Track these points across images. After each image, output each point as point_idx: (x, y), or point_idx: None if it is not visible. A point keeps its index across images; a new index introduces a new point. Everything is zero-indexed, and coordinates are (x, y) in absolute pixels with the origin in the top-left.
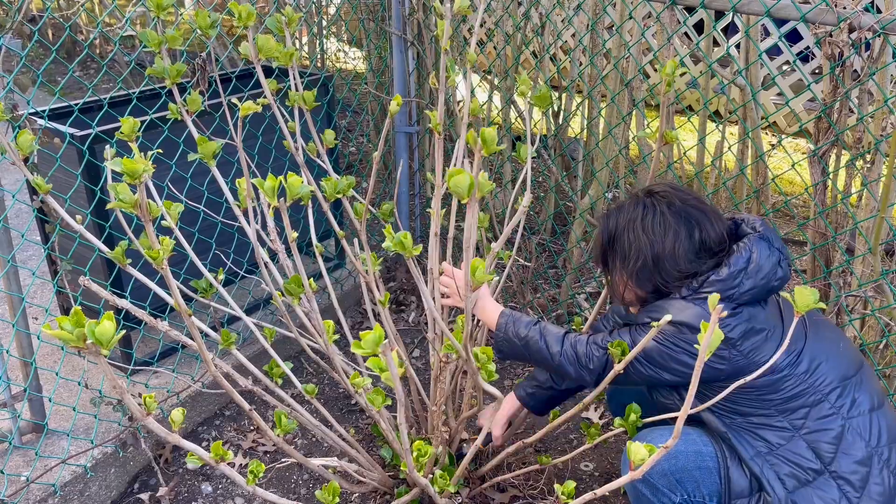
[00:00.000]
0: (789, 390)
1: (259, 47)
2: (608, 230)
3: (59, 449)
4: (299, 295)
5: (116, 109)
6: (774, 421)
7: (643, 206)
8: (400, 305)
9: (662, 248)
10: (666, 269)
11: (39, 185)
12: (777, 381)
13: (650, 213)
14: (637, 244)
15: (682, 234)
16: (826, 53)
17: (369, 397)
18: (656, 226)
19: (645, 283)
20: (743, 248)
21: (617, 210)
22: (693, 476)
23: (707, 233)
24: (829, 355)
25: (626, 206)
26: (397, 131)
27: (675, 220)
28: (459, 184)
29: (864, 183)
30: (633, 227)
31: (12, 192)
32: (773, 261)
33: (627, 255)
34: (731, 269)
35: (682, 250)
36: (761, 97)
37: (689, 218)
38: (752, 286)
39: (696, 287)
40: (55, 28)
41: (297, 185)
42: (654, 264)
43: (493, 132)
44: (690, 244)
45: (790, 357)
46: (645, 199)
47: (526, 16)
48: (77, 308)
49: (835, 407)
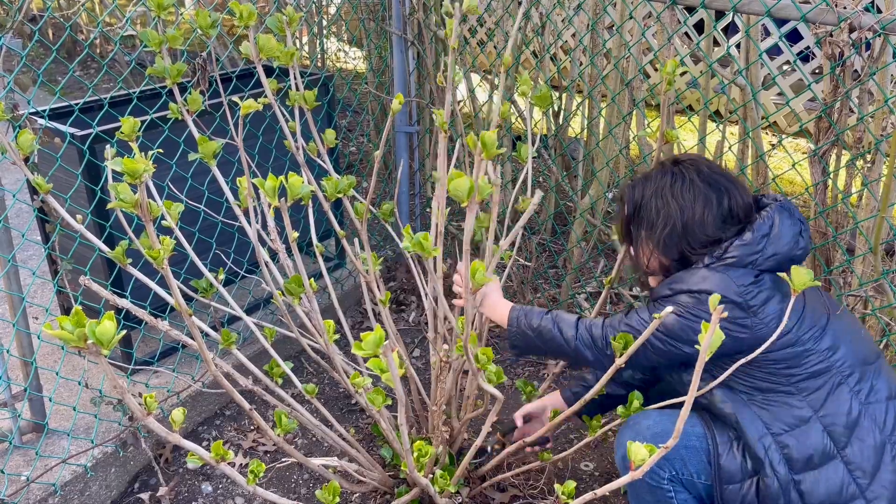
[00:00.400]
0: (811, 366)
1: (260, 47)
2: (634, 199)
3: (60, 448)
4: (300, 295)
5: (117, 109)
6: (794, 400)
7: (671, 174)
8: (400, 305)
9: (692, 214)
10: (694, 234)
11: (40, 185)
12: (800, 355)
13: (679, 181)
14: (666, 210)
15: (712, 201)
16: (826, 53)
17: (370, 397)
18: (685, 192)
19: (671, 249)
20: (765, 215)
21: (643, 179)
22: (680, 454)
23: (735, 200)
24: (851, 338)
25: (653, 175)
26: (397, 131)
27: (704, 187)
28: (459, 187)
29: (865, 182)
30: (662, 193)
31: (13, 191)
32: (795, 230)
33: (655, 223)
34: (755, 234)
35: (711, 217)
36: (762, 97)
37: (717, 185)
38: (774, 252)
39: (719, 254)
40: (56, 28)
41: (298, 185)
42: (682, 230)
43: (492, 135)
44: (719, 211)
45: (813, 331)
46: (672, 167)
47: (526, 15)
48: (77, 308)
49: (853, 391)
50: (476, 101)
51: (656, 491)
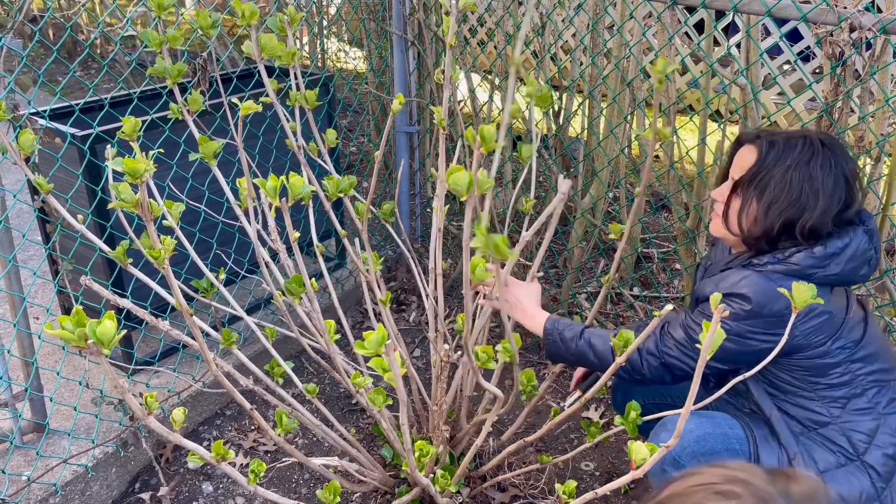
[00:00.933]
0: (835, 378)
1: (262, 46)
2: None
3: (60, 448)
4: (300, 294)
5: (117, 109)
6: (814, 405)
7: (820, 156)
8: (401, 305)
9: (821, 204)
10: (811, 224)
11: (41, 185)
12: (828, 366)
13: (827, 167)
14: (801, 191)
15: (842, 201)
16: (827, 53)
17: (371, 397)
18: (828, 182)
19: (779, 227)
20: (844, 233)
21: (785, 143)
22: (721, 458)
23: (852, 209)
24: (879, 351)
25: (797, 145)
26: (398, 131)
27: (844, 184)
28: (458, 181)
29: (867, 182)
30: (804, 172)
31: (14, 191)
32: (867, 257)
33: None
34: (826, 251)
35: (831, 213)
36: (763, 97)
37: (850, 184)
38: (836, 272)
39: (782, 258)
40: (56, 28)
41: (299, 186)
42: (803, 217)
43: (491, 129)
44: (842, 212)
45: (847, 346)
46: (821, 148)
47: None
48: (78, 308)
49: (872, 402)
50: (476, 101)
51: None
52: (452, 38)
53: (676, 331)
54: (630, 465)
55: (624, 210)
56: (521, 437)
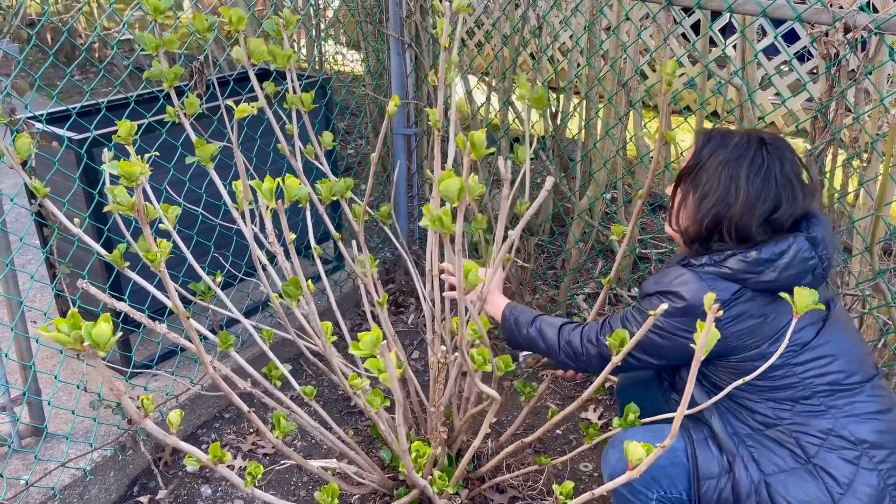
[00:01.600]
0: (778, 380)
1: (250, 51)
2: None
3: (59, 452)
4: (297, 297)
5: (114, 113)
6: (758, 406)
7: (752, 153)
8: (399, 307)
9: (750, 207)
10: (738, 224)
11: (38, 189)
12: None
13: (756, 165)
14: (727, 188)
15: (772, 202)
16: (822, 53)
17: (368, 399)
18: (756, 180)
19: (705, 223)
20: (783, 239)
21: (721, 140)
22: (667, 472)
23: (786, 212)
24: (836, 354)
25: (733, 142)
26: (395, 133)
27: (776, 185)
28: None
29: (861, 182)
30: (733, 169)
31: (10, 195)
32: (808, 266)
33: (709, 191)
34: (759, 256)
35: (761, 215)
36: (761, 97)
37: (787, 187)
38: (772, 279)
39: (717, 260)
40: (54, 32)
41: (295, 188)
42: (730, 217)
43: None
44: (771, 214)
45: (791, 349)
46: (757, 145)
47: (523, 17)
48: (74, 311)
49: (823, 405)
50: (473, 103)
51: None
52: (447, 41)
53: (616, 323)
54: (627, 466)
55: (621, 211)
56: (520, 437)
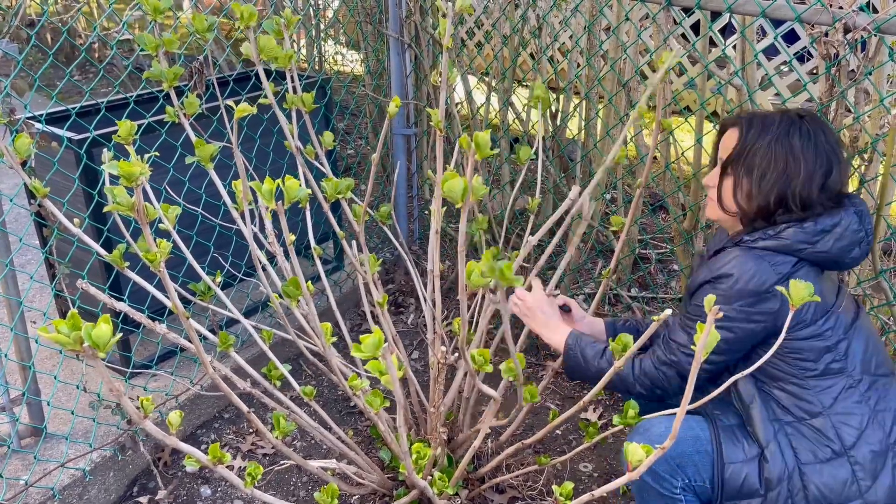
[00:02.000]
0: (826, 364)
1: (261, 48)
2: (749, 139)
3: (58, 452)
4: (297, 297)
5: (114, 113)
6: (806, 395)
7: (798, 127)
8: (399, 307)
9: (807, 172)
10: (801, 193)
11: (37, 189)
12: (820, 350)
13: (805, 136)
14: (786, 161)
15: (826, 167)
16: (822, 53)
17: (368, 399)
18: (809, 149)
19: (773, 200)
20: (835, 212)
21: (763, 120)
22: (693, 460)
23: (839, 176)
24: (869, 346)
25: (776, 120)
26: (395, 133)
27: (825, 150)
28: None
29: (862, 182)
30: (785, 143)
31: (10, 195)
32: (857, 238)
33: (766, 169)
34: (816, 226)
35: (821, 181)
36: (761, 97)
37: (834, 153)
38: (825, 250)
39: (772, 234)
40: (54, 32)
41: (294, 188)
42: (793, 186)
43: (486, 136)
44: (827, 179)
45: (838, 331)
46: (799, 120)
47: (523, 17)
48: (74, 311)
49: (864, 396)
50: (473, 103)
51: (669, 501)
52: (448, 41)
53: (679, 335)
54: (626, 467)
55: (621, 211)
56: (520, 438)
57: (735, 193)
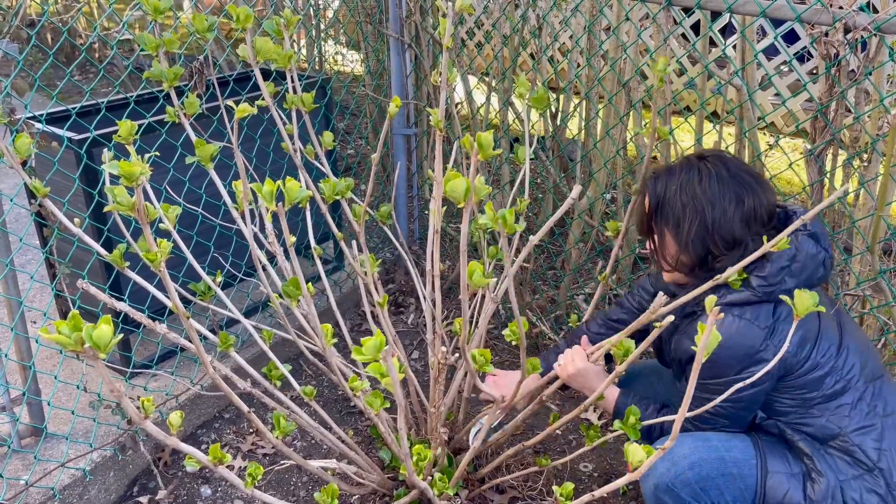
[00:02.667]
0: (829, 387)
1: (257, 49)
2: (657, 193)
3: (58, 452)
4: (297, 297)
5: (114, 113)
6: (818, 421)
7: (697, 169)
8: (399, 307)
9: (721, 211)
10: (720, 232)
11: (37, 189)
12: (820, 378)
13: (706, 175)
14: (693, 206)
15: (740, 198)
16: (822, 53)
17: (368, 400)
18: (713, 187)
19: (697, 247)
20: (790, 243)
21: (666, 172)
22: (716, 483)
23: (759, 200)
24: (864, 354)
25: (677, 168)
26: (395, 133)
27: (731, 183)
28: (455, 188)
29: (862, 182)
30: (689, 188)
31: (10, 195)
32: (819, 260)
33: (681, 219)
34: (774, 266)
35: (736, 216)
36: (761, 97)
37: (743, 182)
38: (792, 286)
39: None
40: (54, 32)
41: (295, 190)
42: (710, 227)
43: (489, 137)
44: (743, 209)
45: (830, 350)
46: (698, 162)
47: (523, 17)
48: (74, 312)
49: (871, 406)
50: (473, 103)
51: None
52: (449, 41)
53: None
54: (627, 468)
55: (621, 211)
56: (520, 438)
57: (662, 251)
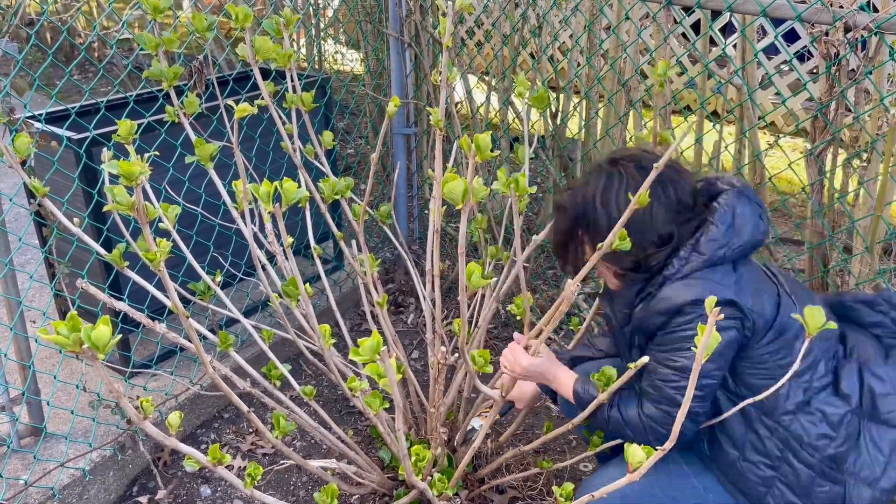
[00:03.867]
0: (799, 347)
1: (256, 49)
2: (573, 208)
3: (58, 452)
4: (297, 297)
5: (114, 112)
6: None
7: (608, 175)
8: (398, 307)
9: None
10: (644, 234)
11: (37, 188)
12: (791, 341)
13: (617, 180)
14: (608, 214)
15: (657, 194)
16: (822, 53)
17: (367, 401)
18: (626, 190)
19: (623, 258)
20: (724, 203)
21: (581, 184)
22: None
23: (680, 188)
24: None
25: (590, 178)
26: (395, 133)
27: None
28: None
29: (861, 181)
30: (603, 198)
31: (10, 195)
32: (756, 215)
33: (600, 230)
34: (721, 228)
35: (660, 212)
36: (761, 97)
37: (659, 178)
38: (741, 243)
39: (685, 257)
40: (54, 32)
41: (292, 191)
42: (640, 232)
43: (486, 138)
44: (667, 203)
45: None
46: (609, 167)
47: (523, 16)
48: (73, 312)
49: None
50: (473, 103)
51: None
52: (449, 40)
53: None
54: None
55: None
56: (520, 438)
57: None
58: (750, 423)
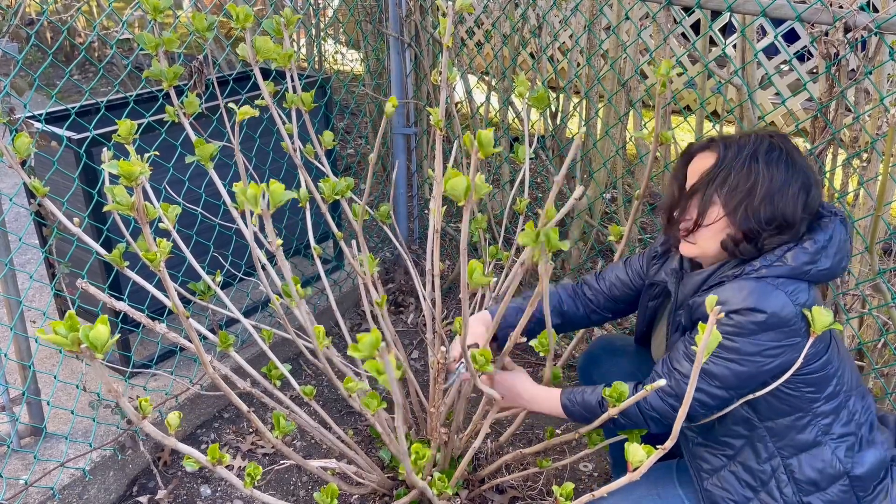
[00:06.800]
0: (830, 388)
1: (257, 49)
2: (727, 159)
3: (58, 452)
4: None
5: (114, 112)
6: (804, 424)
7: (769, 143)
8: (399, 307)
9: (784, 188)
10: (776, 209)
11: (37, 188)
12: (828, 376)
13: (776, 151)
14: (756, 177)
15: (804, 185)
16: (822, 53)
17: (364, 401)
18: (782, 164)
19: (743, 219)
20: (826, 225)
21: (737, 140)
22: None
23: (818, 193)
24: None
25: (746, 138)
26: (395, 133)
27: (801, 166)
28: (456, 186)
29: (861, 181)
30: (756, 158)
31: (10, 195)
32: (847, 247)
33: (739, 185)
34: (816, 245)
35: (800, 203)
36: (761, 97)
37: (809, 172)
38: (827, 266)
39: (773, 259)
40: (54, 31)
41: (279, 193)
42: (767, 201)
43: (489, 134)
44: (807, 198)
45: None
46: (770, 137)
47: (523, 16)
48: (71, 312)
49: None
50: (473, 102)
51: None
52: (449, 40)
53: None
54: (627, 468)
55: (621, 210)
56: (520, 438)
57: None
58: (752, 435)
